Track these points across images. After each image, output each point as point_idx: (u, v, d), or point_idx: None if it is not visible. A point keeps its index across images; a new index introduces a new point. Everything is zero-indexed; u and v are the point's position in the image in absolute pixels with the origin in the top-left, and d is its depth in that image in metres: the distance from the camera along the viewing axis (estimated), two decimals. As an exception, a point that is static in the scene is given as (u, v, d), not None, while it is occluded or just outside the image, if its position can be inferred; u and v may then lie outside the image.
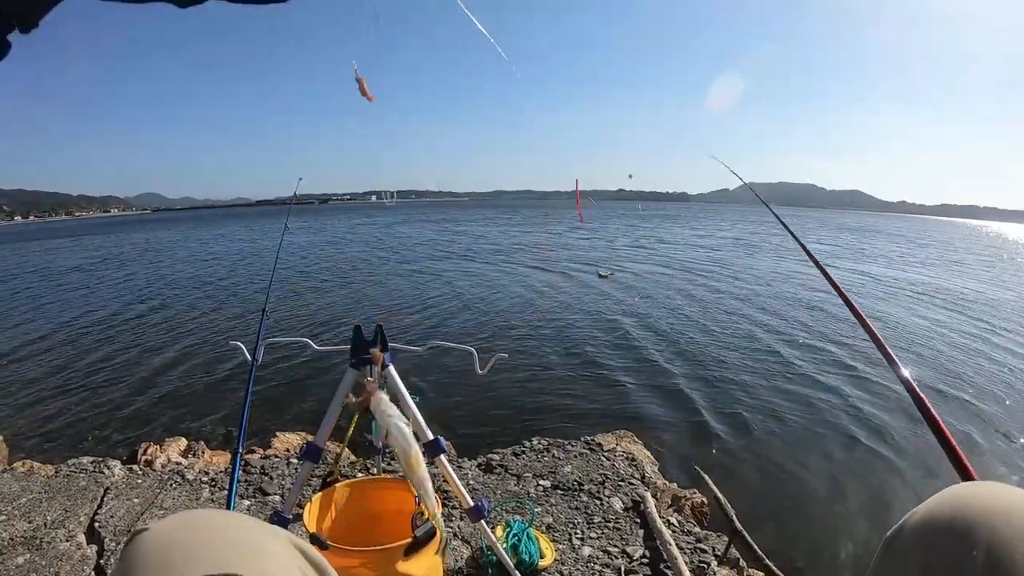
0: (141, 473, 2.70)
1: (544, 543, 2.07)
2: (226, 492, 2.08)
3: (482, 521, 1.64)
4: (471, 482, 2.65)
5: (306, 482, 1.66)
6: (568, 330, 7.97)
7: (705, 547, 2.17)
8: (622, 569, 1.99)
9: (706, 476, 2.80)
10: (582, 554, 2.08)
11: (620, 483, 2.62)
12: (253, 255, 20.62)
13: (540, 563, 1.96)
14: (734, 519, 2.38)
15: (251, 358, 1.90)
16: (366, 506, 1.60)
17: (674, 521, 2.37)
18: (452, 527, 2.22)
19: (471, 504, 1.61)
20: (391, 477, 1.78)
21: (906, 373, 0.93)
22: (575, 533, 2.21)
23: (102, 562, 2.03)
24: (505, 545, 1.96)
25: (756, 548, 2.27)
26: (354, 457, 2.91)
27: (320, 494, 1.53)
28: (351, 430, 1.65)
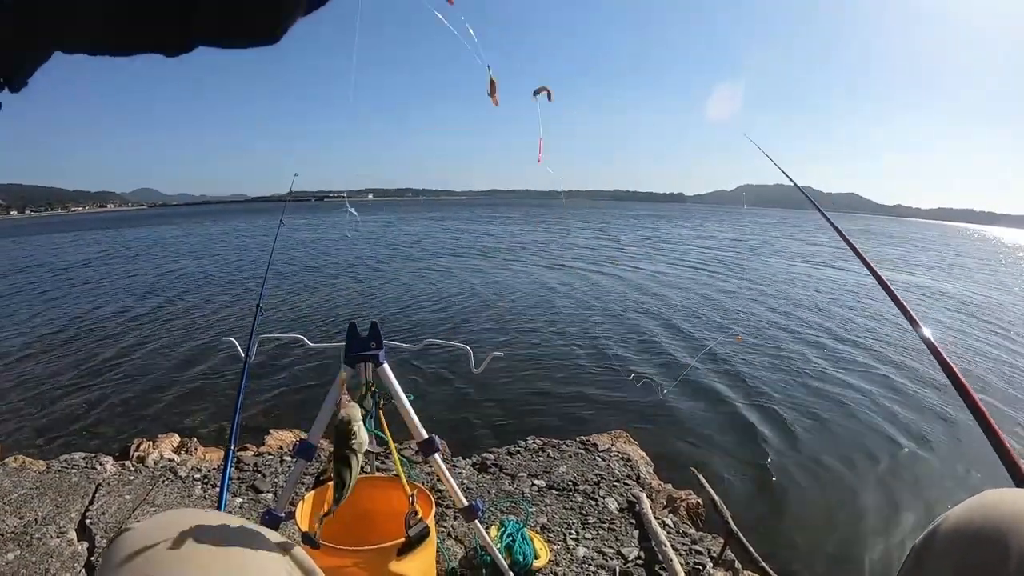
0: (133, 469, 2.68)
1: (539, 543, 2.06)
2: (218, 489, 2.06)
3: (476, 521, 1.63)
4: (465, 481, 2.64)
5: (299, 480, 1.64)
6: (566, 329, 7.94)
7: (700, 548, 2.16)
8: (617, 570, 1.98)
9: (701, 477, 2.79)
10: (577, 555, 2.07)
11: (615, 483, 2.61)
12: (257, 249, 20.52)
13: (534, 564, 1.94)
14: (729, 520, 2.38)
15: (244, 354, 1.88)
16: (359, 505, 1.59)
17: (669, 522, 2.36)
18: (446, 527, 2.20)
19: (465, 504, 1.60)
20: (384, 476, 1.77)
21: (968, 385, 0.83)
22: (570, 534, 2.20)
23: (93, 559, 2.02)
24: (499, 545, 1.94)
25: (752, 550, 2.26)
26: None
27: (313, 492, 1.52)
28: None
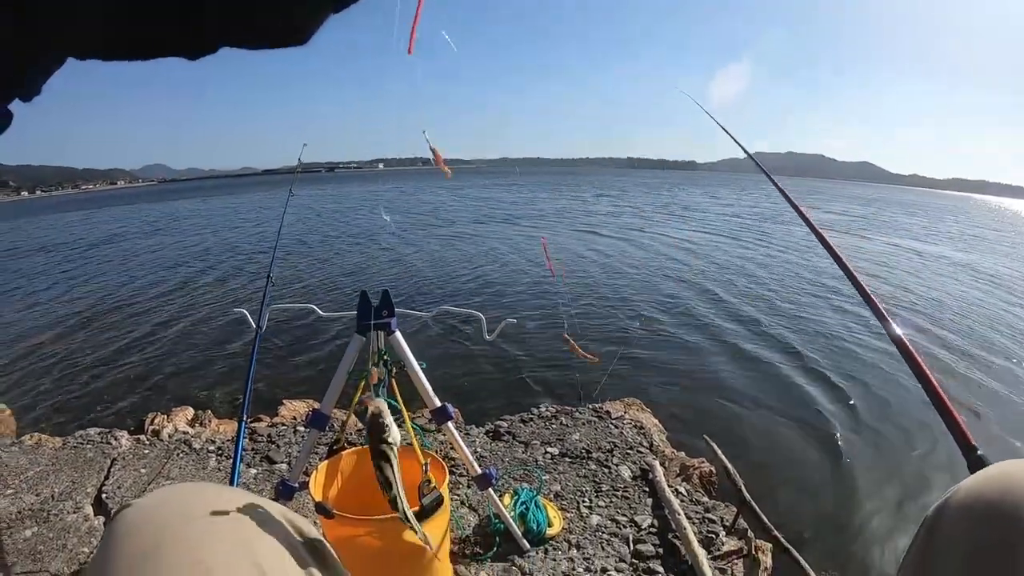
0: (148, 443, 2.70)
1: (552, 511, 2.06)
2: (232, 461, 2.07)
3: (490, 489, 1.62)
4: (479, 449, 2.64)
5: (312, 450, 1.64)
6: (579, 296, 7.88)
7: (713, 517, 2.15)
8: (630, 538, 1.98)
9: (715, 445, 2.77)
10: (590, 523, 2.07)
11: (628, 451, 2.60)
12: (273, 221, 20.49)
13: (548, 532, 1.94)
14: (743, 489, 2.36)
15: (256, 325, 1.87)
16: (373, 474, 1.58)
17: (682, 490, 2.35)
18: (460, 495, 2.21)
19: (479, 472, 1.59)
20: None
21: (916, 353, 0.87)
22: (583, 501, 2.20)
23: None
24: (513, 513, 1.94)
25: (764, 519, 2.25)
26: (361, 424, 2.91)
27: (326, 462, 1.51)
28: (358, 397, 1.62)
